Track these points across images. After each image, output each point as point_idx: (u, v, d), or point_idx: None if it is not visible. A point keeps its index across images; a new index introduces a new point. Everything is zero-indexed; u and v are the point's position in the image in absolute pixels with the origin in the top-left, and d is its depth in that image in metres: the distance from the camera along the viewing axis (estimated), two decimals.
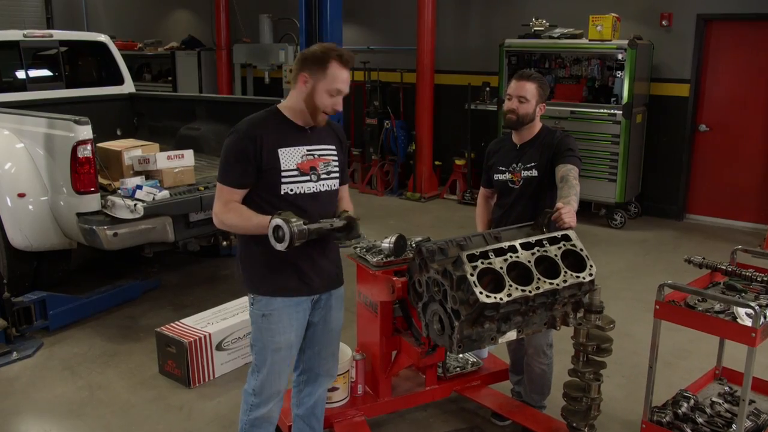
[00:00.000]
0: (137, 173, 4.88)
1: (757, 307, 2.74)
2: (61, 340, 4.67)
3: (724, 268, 3.37)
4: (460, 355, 3.83)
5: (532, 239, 2.62)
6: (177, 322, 4.29)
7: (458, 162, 8.90)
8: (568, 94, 7.87)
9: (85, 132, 4.46)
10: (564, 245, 2.64)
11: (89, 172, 4.48)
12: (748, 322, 2.82)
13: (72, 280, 5.48)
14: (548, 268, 2.58)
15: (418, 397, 3.62)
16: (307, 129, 2.70)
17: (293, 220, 2.41)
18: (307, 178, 2.65)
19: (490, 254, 2.50)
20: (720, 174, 7.71)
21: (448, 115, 9.28)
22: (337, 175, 2.77)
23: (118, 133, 6.75)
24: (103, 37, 6.99)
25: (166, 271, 6.02)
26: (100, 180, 4.67)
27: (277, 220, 2.41)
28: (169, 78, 11.83)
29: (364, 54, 9.55)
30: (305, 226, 2.43)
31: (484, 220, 3.59)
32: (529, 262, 2.53)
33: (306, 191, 2.66)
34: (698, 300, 3.16)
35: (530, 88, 3.24)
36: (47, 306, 4.69)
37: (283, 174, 2.61)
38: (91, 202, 4.53)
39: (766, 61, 7.24)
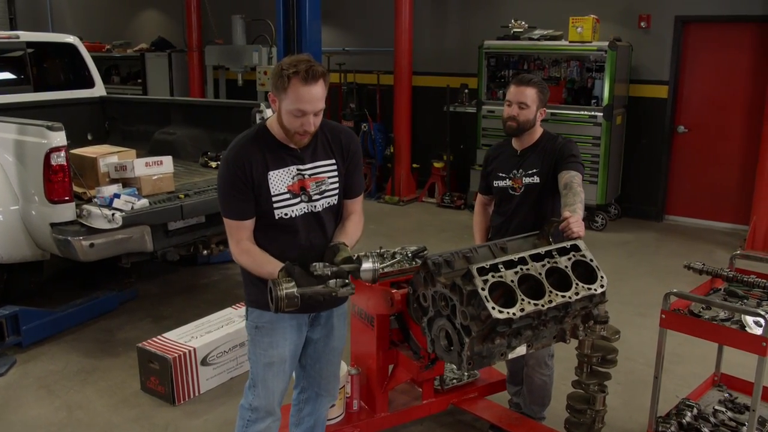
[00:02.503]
0: (113, 181, 4.67)
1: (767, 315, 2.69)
2: (35, 356, 4.46)
3: (725, 274, 3.33)
4: None
5: (542, 250, 2.53)
6: (159, 337, 4.11)
7: (437, 165, 8.82)
8: None
9: (59, 138, 4.27)
10: (574, 255, 2.55)
11: (63, 181, 4.29)
12: (757, 331, 2.77)
13: (45, 292, 5.25)
14: (558, 279, 2.49)
15: (416, 411, 3.52)
16: (297, 148, 2.49)
17: (285, 284, 2.22)
18: (298, 200, 2.49)
19: (500, 267, 2.40)
20: (699, 175, 7.74)
21: (426, 117, 9.18)
22: (335, 192, 2.57)
23: (89, 138, 6.51)
24: (71, 39, 6.74)
25: (143, 281, 5.81)
26: (75, 188, 4.46)
27: (270, 282, 2.24)
28: (139, 80, 11.53)
29: (339, 56, 9.41)
30: (297, 294, 2.21)
31: (482, 228, 3.48)
32: (540, 274, 2.43)
33: (298, 213, 2.50)
34: (702, 308, 3.11)
35: (530, 94, 3.15)
36: (20, 321, 4.47)
37: (274, 199, 2.46)
38: (66, 211, 4.33)
39: (743, 62, 7.30)
